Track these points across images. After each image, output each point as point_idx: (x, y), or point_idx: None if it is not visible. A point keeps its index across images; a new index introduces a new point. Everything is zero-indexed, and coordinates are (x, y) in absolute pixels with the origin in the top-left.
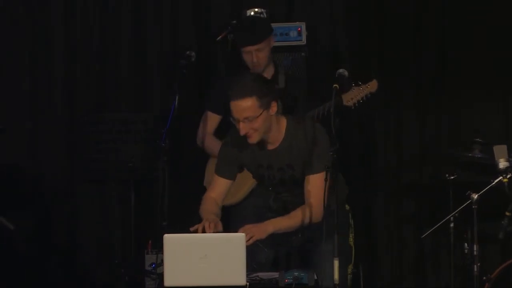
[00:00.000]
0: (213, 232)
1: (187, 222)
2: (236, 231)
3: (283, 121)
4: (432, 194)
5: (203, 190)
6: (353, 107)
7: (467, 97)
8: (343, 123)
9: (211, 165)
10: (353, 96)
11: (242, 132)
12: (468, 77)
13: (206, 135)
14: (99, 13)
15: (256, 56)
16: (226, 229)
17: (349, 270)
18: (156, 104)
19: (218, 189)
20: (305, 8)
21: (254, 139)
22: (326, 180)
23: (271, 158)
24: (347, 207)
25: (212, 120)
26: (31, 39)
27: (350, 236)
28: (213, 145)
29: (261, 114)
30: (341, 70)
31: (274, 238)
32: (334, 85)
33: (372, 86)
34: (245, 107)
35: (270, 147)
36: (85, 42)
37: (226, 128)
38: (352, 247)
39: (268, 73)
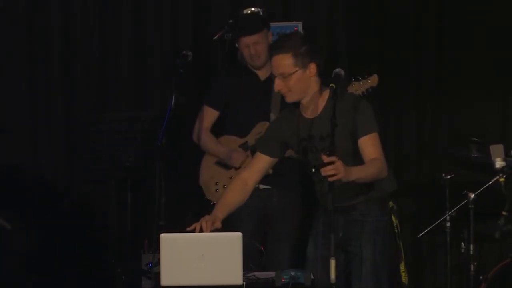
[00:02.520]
0: (211, 230)
1: (184, 222)
2: (232, 231)
3: (327, 90)
4: (430, 194)
5: (200, 189)
6: None
7: (467, 97)
8: None
9: (205, 163)
10: (353, 91)
11: (276, 88)
12: (468, 77)
13: (202, 131)
14: (99, 13)
15: (254, 48)
16: (223, 229)
17: (402, 268)
18: (156, 104)
19: (254, 167)
20: (305, 8)
21: (289, 98)
22: (322, 179)
23: (312, 127)
24: (390, 204)
25: (210, 115)
26: (30, 39)
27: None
28: (209, 143)
29: (295, 72)
30: (337, 70)
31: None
32: (331, 85)
33: (373, 80)
34: (280, 63)
35: (311, 115)
36: (85, 42)
37: (223, 126)
38: (399, 245)
39: (267, 72)
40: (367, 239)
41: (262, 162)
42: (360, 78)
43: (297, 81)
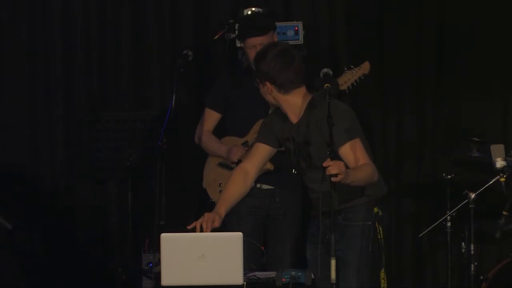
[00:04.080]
0: (211, 229)
1: (184, 222)
2: (232, 231)
3: (307, 97)
4: (430, 194)
5: (201, 189)
6: (347, 91)
7: (467, 97)
8: None
9: (209, 166)
10: (346, 80)
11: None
12: (468, 77)
13: (204, 133)
14: (99, 13)
15: None
16: (224, 229)
17: (382, 275)
18: (156, 104)
19: (254, 157)
20: (305, 8)
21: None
22: (324, 179)
23: (294, 131)
24: (376, 209)
25: (211, 117)
26: (31, 39)
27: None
28: (210, 142)
29: (258, 84)
30: (325, 70)
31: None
32: (326, 85)
33: (365, 68)
34: None
35: (294, 120)
36: (85, 42)
37: (225, 127)
38: (382, 252)
39: None
40: (351, 243)
41: (262, 152)
42: (352, 66)
43: (264, 93)
